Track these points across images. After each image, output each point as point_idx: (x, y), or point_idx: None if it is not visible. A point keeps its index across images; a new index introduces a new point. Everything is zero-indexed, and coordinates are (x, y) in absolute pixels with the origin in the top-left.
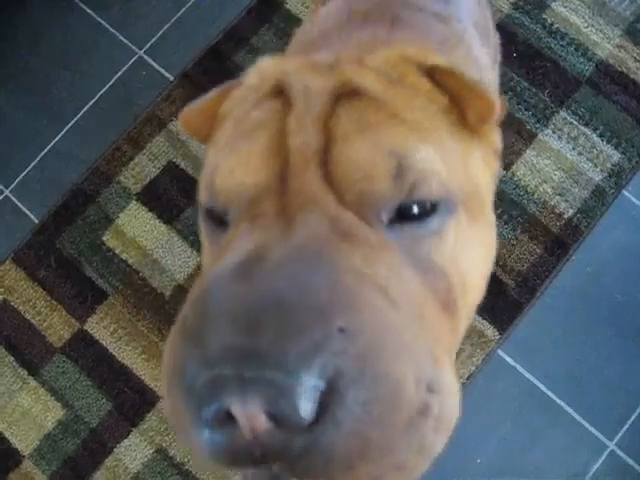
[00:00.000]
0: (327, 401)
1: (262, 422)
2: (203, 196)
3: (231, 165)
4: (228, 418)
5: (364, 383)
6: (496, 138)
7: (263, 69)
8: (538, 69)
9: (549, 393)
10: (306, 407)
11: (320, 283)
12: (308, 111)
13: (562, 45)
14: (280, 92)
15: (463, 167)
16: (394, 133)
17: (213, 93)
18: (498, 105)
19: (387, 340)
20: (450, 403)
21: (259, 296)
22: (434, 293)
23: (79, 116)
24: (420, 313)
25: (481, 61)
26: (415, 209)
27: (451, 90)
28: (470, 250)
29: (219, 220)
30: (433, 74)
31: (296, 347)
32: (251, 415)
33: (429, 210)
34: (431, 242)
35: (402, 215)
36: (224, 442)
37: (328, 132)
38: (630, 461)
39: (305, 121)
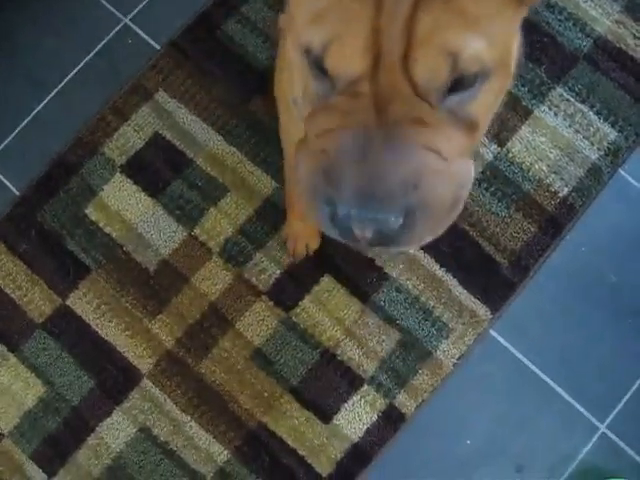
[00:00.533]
0: (407, 219)
1: (369, 233)
2: (309, 45)
3: (339, 53)
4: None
5: (425, 208)
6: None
7: None
8: (535, 44)
9: (541, 374)
10: (394, 226)
11: (404, 160)
12: (396, 13)
13: (560, 20)
14: None
15: (503, 43)
16: (456, 35)
17: None
18: None
19: (438, 181)
20: (468, 189)
21: (371, 170)
22: (466, 127)
23: (62, 84)
24: (460, 150)
25: None
26: (461, 84)
27: None
28: (492, 96)
29: (317, 64)
30: None
31: (390, 203)
32: (365, 231)
33: (470, 82)
34: (468, 103)
35: (453, 88)
36: (345, 233)
37: (409, 34)
38: (621, 444)
39: (393, 25)
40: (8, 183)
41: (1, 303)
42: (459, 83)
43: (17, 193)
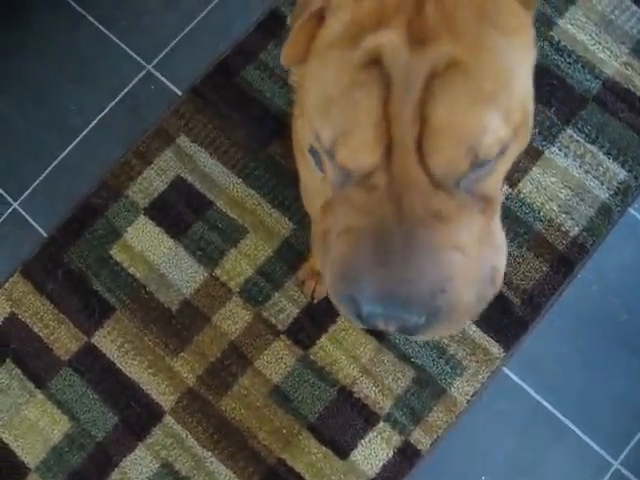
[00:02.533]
0: (430, 317)
1: (394, 328)
2: (317, 144)
3: (348, 150)
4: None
5: (450, 310)
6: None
7: (342, 5)
8: (545, 86)
9: (554, 411)
10: (417, 325)
11: (427, 262)
12: (406, 99)
13: (569, 63)
14: (378, 66)
15: (521, 106)
16: (475, 124)
17: (296, 27)
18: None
19: (464, 281)
20: (498, 285)
21: (396, 274)
22: (484, 203)
23: (87, 130)
24: (482, 238)
25: None
26: (481, 166)
27: None
28: (509, 163)
29: (327, 152)
30: None
31: (413, 306)
32: (389, 327)
33: (488, 161)
34: (486, 179)
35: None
36: (373, 326)
37: (424, 119)
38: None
39: (404, 112)
40: (36, 225)
41: (29, 341)
42: (477, 164)
43: (44, 234)
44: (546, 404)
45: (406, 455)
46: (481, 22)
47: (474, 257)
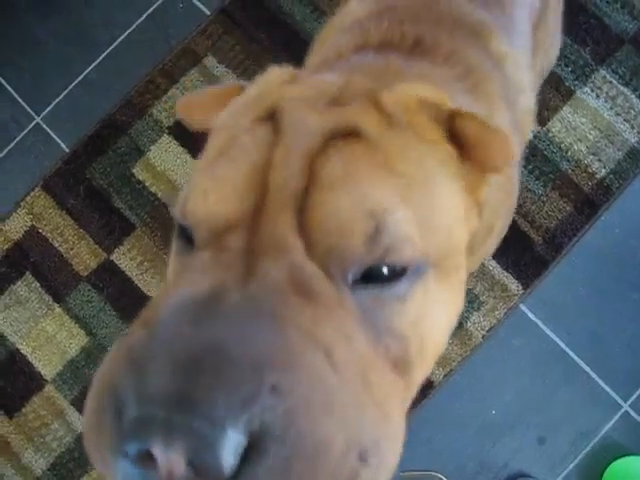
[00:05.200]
0: (249, 455)
1: (181, 468)
2: (176, 212)
3: (206, 188)
4: (148, 456)
5: (288, 440)
6: (485, 192)
7: (267, 82)
8: (581, 24)
9: (568, 350)
10: (227, 460)
11: (262, 339)
12: (295, 147)
13: (607, 1)
14: (272, 118)
15: (445, 228)
16: (379, 190)
17: (216, 90)
18: (515, 154)
19: (318, 401)
20: (381, 473)
21: (202, 344)
22: (387, 354)
23: (114, 46)
24: (365, 377)
25: (521, 84)
26: (383, 272)
27: (467, 134)
28: (434, 313)
29: (188, 239)
30: (450, 119)
31: (226, 400)
32: (172, 460)
33: (397, 274)
34: (393, 307)
35: (368, 276)
36: (138, 477)
37: (312, 173)
38: None
39: (290, 158)
40: (58, 140)
41: (48, 255)
42: (379, 272)
43: (67, 150)
44: (560, 343)
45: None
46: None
47: (346, 385)
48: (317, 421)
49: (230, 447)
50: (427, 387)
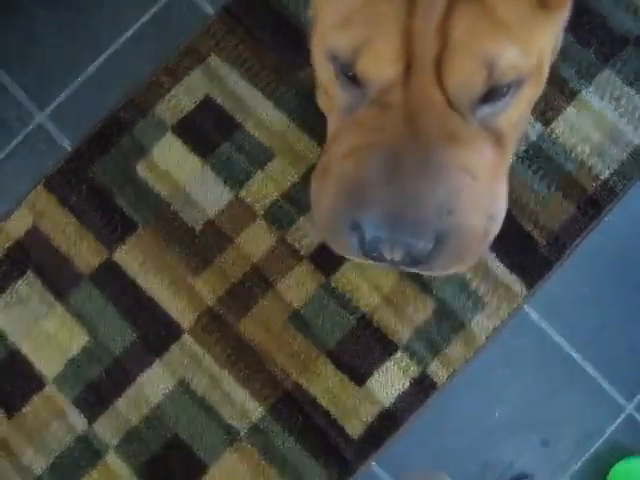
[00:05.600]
0: (437, 246)
1: (399, 257)
2: (337, 51)
3: (370, 57)
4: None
5: (456, 235)
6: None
7: None
8: (585, 25)
9: (572, 352)
10: (424, 252)
11: (438, 184)
12: (429, 16)
13: (612, 1)
14: None
15: (537, 48)
16: (491, 43)
17: None
18: None
19: (471, 207)
20: (498, 224)
21: (402, 192)
22: (496, 140)
23: (117, 44)
24: (491, 170)
25: None
26: (495, 93)
27: None
28: (522, 107)
29: (345, 70)
30: None
31: (421, 227)
32: (394, 254)
33: (504, 92)
34: (500, 114)
35: (484, 97)
36: (373, 256)
37: (443, 39)
38: None
39: (426, 27)
40: (62, 138)
41: (50, 253)
42: (492, 93)
43: (69, 148)
44: (564, 344)
45: (422, 386)
46: None
47: (482, 185)
48: (471, 218)
49: (424, 247)
50: (430, 388)
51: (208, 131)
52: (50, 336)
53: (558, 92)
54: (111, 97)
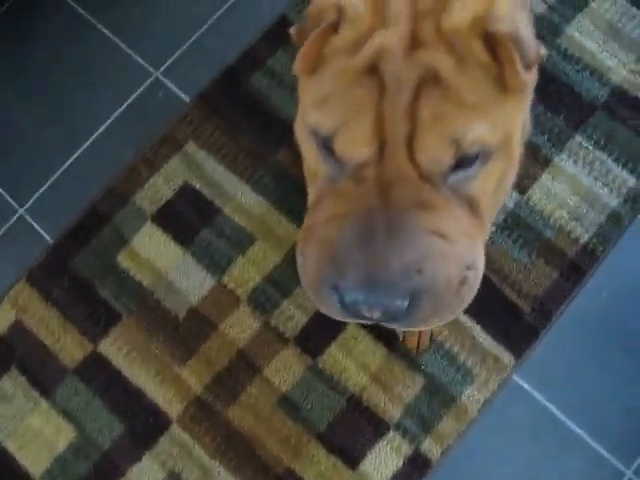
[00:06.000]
0: (412, 302)
1: (377, 315)
2: (317, 129)
3: (346, 139)
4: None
5: (429, 290)
6: (529, 79)
7: (356, 18)
8: (553, 94)
9: (565, 419)
10: (401, 309)
11: (409, 246)
12: (398, 101)
13: (577, 70)
14: (375, 71)
15: (502, 125)
16: (457, 122)
17: (313, 37)
18: (531, 82)
19: (442, 263)
20: (479, 272)
21: (376, 257)
22: (470, 210)
23: (95, 136)
24: (466, 231)
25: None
26: (463, 163)
27: (501, 59)
28: (494, 177)
29: (325, 145)
30: (492, 40)
31: (394, 288)
32: (372, 313)
33: (472, 161)
34: (470, 182)
35: (454, 166)
36: (353, 315)
37: (412, 121)
38: None
39: (396, 111)
40: (42, 231)
41: (34, 348)
42: (461, 162)
43: (51, 241)
44: (557, 412)
45: (416, 464)
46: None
47: (456, 244)
48: (443, 275)
49: (399, 305)
50: (425, 465)
51: (188, 218)
52: (36, 433)
53: (532, 160)
54: (90, 189)
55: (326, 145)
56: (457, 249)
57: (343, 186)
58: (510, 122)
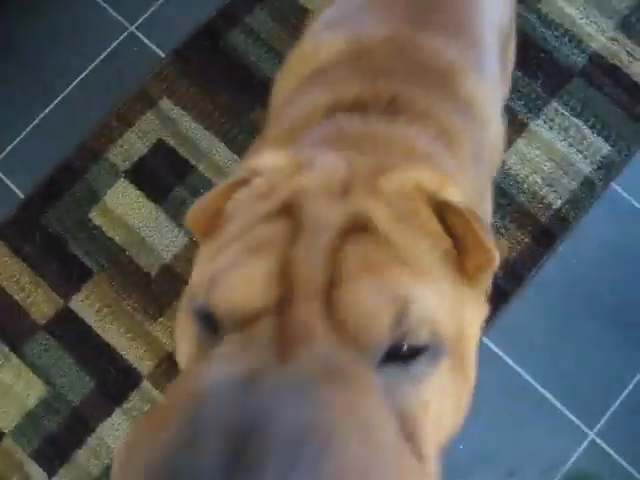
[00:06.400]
0: None
1: None
2: (197, 294)
3: (235, 281)
4: None
5: None
6: (488, 282)
7: (271, 170)
8: (532, 59)
9: (532, 381)
10: None
11: (302, 426)
12: (316, 242)
13: (556, 36)
14: (290, 211)
15: (455, 316)
16: (398, 277)
17: (217, 190)
18: (497, 260)
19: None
20: None
21: (246, 430)
22: (402, 429)
23: (68, 91)
24: (387, 450)
25: (489, 117)
26: (403, 350)
27: (457, 231)
28: (442, 400)
29: (207, 320)
30: (443, 211)
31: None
32: None
33: (415, 354)
34: (409, 387)
35: (389, 354)
36: None
37: (334, 267)
38: (610, 450)
39: (312, 253)
40: (13, 186)
41: (4, 304)
42: (398, 350)
43: (22, 196)
44: (524, 374)
45: None
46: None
47: (375, 454)
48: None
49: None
50: None
51: (161, 175)
52: (6, 388)
53: (508, 124)
54: (62, 144)
55: (204, 305)
56: (379, 470)
57: (221, 347)
58: (466, 318)
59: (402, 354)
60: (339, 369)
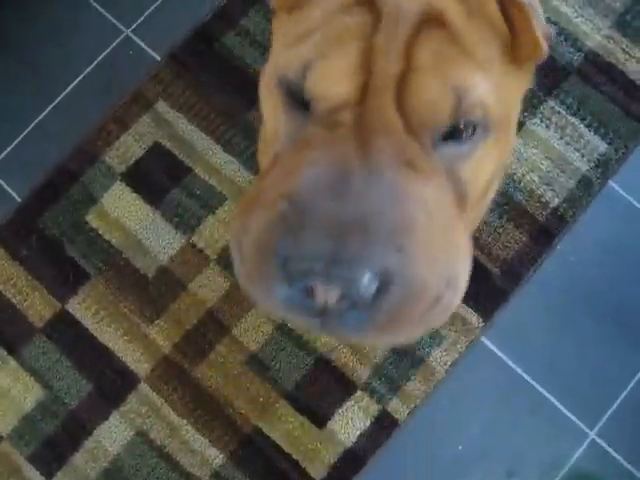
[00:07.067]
0: (381, 290)
1: (334, 299)
2: (287, 72)
3: (323, 71)
4: (310, 291)
5: (405, 282)
6: (533, 68)
7: None
8: None
9: (531, 381)
10: (366, 292)
11: (390, 211)
12: (395, 34)
13: (553, 33)
14: (370, 1)
15: (504, 98)
16: (461, 69)
17: None
18: (546, 52)
19: (424, 254)
20: (457, 295)
21: (345, 216)
22: (456, 193)
23: (64, 94)
24: (450, 225)
25: None
26: (460, 128)
27: (515, 24)
28: (488, 166)
29: (295, 96)
30: (506, 3)
31: (367, 257)
32: (329, 292)
33: (469, 133)
34: (463, 161)
35: (446, 135)
36: (302, 302)
37: (408, 59)
38: (610, 450)
39: (391, 45)
40: (10, 190)
41: (1, 307)
42: (456, 131)
43: (19, 200)
44: (523, 374)
45: (383, 424)
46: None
47: (439, 231)
48: (424, 269)
49: (367, 285)
50: (392, 425)
51: (158, 177)
52: (3, 392)
53: None
54: (59, 147)
55: (294, 91)
56: (442, 243)
57: (309, 134)
58: (511, 100)
59: (458, 131)
60: (411, 157)
